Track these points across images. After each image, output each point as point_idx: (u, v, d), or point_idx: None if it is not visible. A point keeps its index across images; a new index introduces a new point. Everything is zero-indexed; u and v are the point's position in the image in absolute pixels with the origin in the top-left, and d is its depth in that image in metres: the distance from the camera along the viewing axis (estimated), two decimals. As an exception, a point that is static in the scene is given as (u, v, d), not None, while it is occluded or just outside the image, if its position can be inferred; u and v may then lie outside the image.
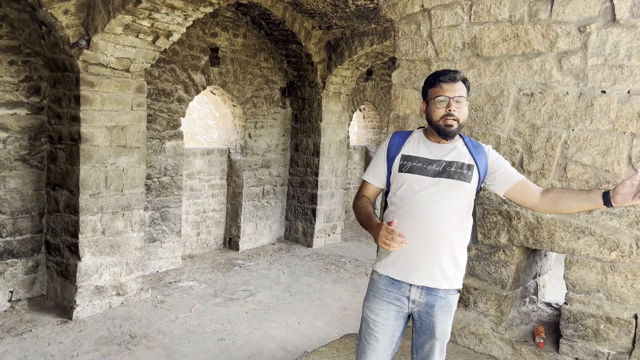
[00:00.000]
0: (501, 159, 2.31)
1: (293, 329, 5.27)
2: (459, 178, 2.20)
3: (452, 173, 2.21)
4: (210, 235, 8.02)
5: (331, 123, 8.63)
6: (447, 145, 2.28)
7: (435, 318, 2.25)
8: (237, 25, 7.61)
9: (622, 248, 2.92)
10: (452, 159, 2.23)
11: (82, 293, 5.19)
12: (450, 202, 2.19)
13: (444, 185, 2.20)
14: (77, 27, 4.82)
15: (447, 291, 2.26)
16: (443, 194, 2.19)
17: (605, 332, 3.01)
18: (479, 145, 2.30)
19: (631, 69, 2.85)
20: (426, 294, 2.24)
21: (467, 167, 2.22)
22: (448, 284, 2.24)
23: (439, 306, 2.24)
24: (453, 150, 2.26)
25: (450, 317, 2.28)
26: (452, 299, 2.27)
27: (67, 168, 5.20)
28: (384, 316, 2.28)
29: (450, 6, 3.44)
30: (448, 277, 2.23)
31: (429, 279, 2.22)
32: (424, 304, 2.25)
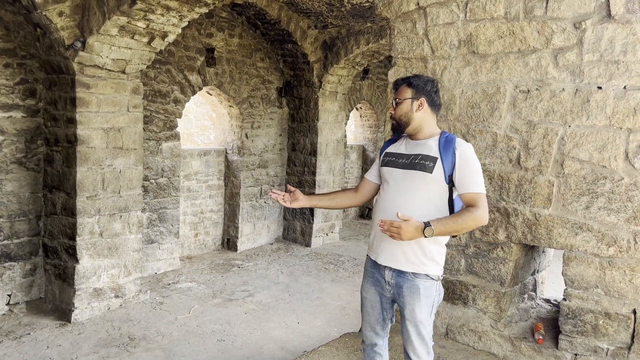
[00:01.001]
0: (469, 166, 2.39)
1: (292, 329, 5.26)
2: (421, 169, 2.41)
3: (416, 165, 2.44)
4: (208, 236, 8.01)
5: (328, 122, 8.62)
6: (421, 142, 2.51)
7: (404, 299, 2.45)
8: (233, 26, 7.60)
9: (620, 243, 2.92)
10: (420, 152, 2.47)
11: (81, 295, 5.18)
12: (416, 192, 2.42)
13: (409, 176, 2.45)
14: (72, 29, 4.80)
15: (415, 274, 2.43)
16: (408, 184, 2.44)
17: (604, 328, 3.01)
18: (452, 142, 2.43)
19: (627, 65, 2.86)
20: (396, 275, 2.47)
21: (431, 159, 2.41)
22: (413, 268, 2.42)
23: (407, 287, 2.43)
24: (424, 146, 2.49)
25: (418, 300, 2.42)
26: (420, 282, 2.42)
27: (63, 170, 5.19)
28: (371, 294, 2.61)
29: (445, 4, 3.44)
30: (412, 261, 2.42)
31: (393, 260, 2.46)
32: (394, 285, 2.48)
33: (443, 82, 3.52)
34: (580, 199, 3.03)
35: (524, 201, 3.23)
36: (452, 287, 3.59)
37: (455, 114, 3.49)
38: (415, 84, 2.51)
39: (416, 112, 2.49)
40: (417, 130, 2.53)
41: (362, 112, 11.29)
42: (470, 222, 2.32)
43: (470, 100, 3.41)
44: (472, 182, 2.38)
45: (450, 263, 3.59)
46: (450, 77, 3.48)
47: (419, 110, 2.49)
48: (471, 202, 2.37)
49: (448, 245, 3.57)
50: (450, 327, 3.61)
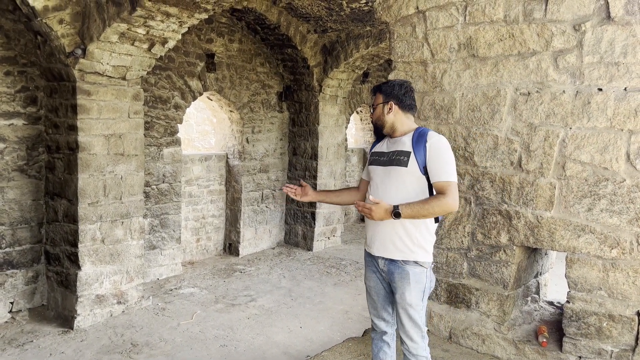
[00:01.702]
0: (439, 156, 2.57)
1: (295, 334, 5.25)
2: (397, 164, 2.65)
3: (393, 161, 2.68)
4: (210, 241, 8.00)
5: (328, 126, 8.63)
6: (397, 139, 2.74)
7: (395, 284, 2.66)
8: (233, 31, 7.62)
9: (623, 245, 2.92)
10: (396, 149, 2.70)
11: (83, 302, 5.17)
12: (396, 185, 2.63)
13: (389, 171, 2.68)
14: (73, 37, 4.81)
15: (405, 262, 2.63)
16: (389, 179, 2.67)
17: (608, 330, 3.01)
18: (424, 135, 2.63)
19: (627, 66, 2.86)
20: (388, 263, 2.68)
21: (405, 154, 2.64)
22: (402, 256, 2.62)
23: (397, 273, 2.64)
24: (399, 142, 2.71)
25: (408, 284, 2.61)
26: (409, 268, 2.62)
27: (65, 177, 5.19)
28: (373, 281, 2.82)
29: (445, 7, 3.44)
30: (400, 249, 2.62)
31: (384, 251, 2.68)
32: (387, 272, 2.69)
33: (443, 85, 3.52)
34: (582, 201, 3.03)
35: (526, 204, 3.23)
36: (455, 290, 3.58)
37: (456, 117, 3.49)
38: (384, 89, 2.77)
39: (387, 114, 2.74)
40: (392, 130, 2.76)
41: (362, 116, 11.29)
42: (437, 208, 2.51)
43: (471, 103, 3.42)
44: (442, 172, 2.56)
45: (452, 266, 3.59)
46: (451, 80, 3.49)
47: (389, 113, 2.73)
48: (441, 189, 2.55)
49: (450, 249, 3.57)
50: (453, 331, 3.60)
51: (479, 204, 3.44)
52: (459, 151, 3.48)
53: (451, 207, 2.52)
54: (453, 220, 3.56)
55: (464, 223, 3.51)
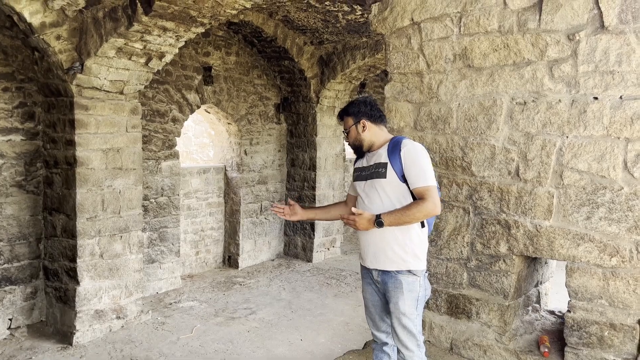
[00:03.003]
0: (414, 162, 2.62)
1: (296, 346, 5.22)
2: (377, 176, 2.71)
3: (373, 174, 2.74)
4: (210, 253, 7.98)
5: (326, 137, 8.64)
6: (375, 153, 2.81)
7: (389, 294, 2.70)
8: (230, 44, 7.65)
9: (623, 253, 2.91)
10: (374, 162, 2.77)
11: (82, 318, 5.14)
12: (380, 196, 2.69)
13: (370, 184, 2.75)
14: (70, 52, 4.83)
15: (398, 272, 2.67)
16: (372, 192, 2.73)
17: (609, 339, 2.99)
18: (398, 145, 2.69)
19: (622, 75, 2.87)
20: (382, 274, 2.73)
21: (382, 165, 2.70)
22: (394, 266, 2.66)
23: (391, 283, 2.68)
24: (376, 155, 2.79)
25: (402, 293, 2.64)
26: (402, 278, 2.66)
27: (63, 192, 5.18)
28: (369, 294, 2.86)
29: (439, 19, 3.47)
30: (392, 259, 2.66)
31: (377, 262, 2.72)
32: (382, 283, 2.74)
33: (439, 95, 3.53)
34: (581, 209, 3.02)
35: (525, 213, 3.23)
36: (456, 301, 3.57)
37: (452, 127, 3.50)
38: (352, 111, 2.85)
39: (363, 133, 2.82)
40: (371, 145, 2.84)
41: (360, 126, 11.30)
42: (418, 213, 2.58)
43: (467, 114, 3.42)
44: (419, 177, 2.61)
45: (452, 277, 3.58)
46: (447, 90, 3.50)
47: (364, 131, 2.82)
48: (420, 195, 2.61)
49: (449, 259, 3.57)
50: (454, 342, 3.58)
51: (477, 214, 3.43)
52: (456, 161, 3.49)
53: (432, 210, 2.58)
54: (452, 231, 3.55)
55: (463, 233, 3.50)
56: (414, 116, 3.69)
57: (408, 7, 3.58)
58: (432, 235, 3.64)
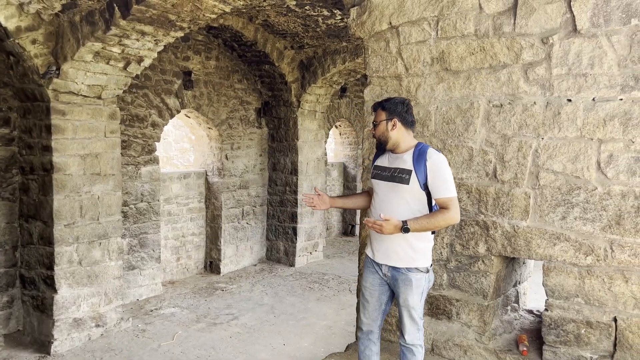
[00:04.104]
0: (440, 174, 2.75)
1: (278, 351, 5.20)
2: (400, 181, 2.83)
3: (395, 178, 2.85)
4: (191, 259, 7.91)
5: (308, 141, 8.65)
6: (399, 155, 2.90)
7: (399, 289, 2.87)
8: (209, 48, 7.63)
9: (597, 252, 2.97)
10: (398, 166, 2.87)
11: (60, 326, 5.06)
12: (398, 199, 2.82)
13: (391, 187, 2.87)
14: (46, 56, 4.77)
15: (408, 269, 2.84)
16: (392, 194, 2.85)
17: (586, 337, 3.04)
18: (424, 153, 2.81)
19: (594, 77, 2.94)
20: (391, 270, 2.89)
21: (406, 172, 2.81)
22: (404, 264, 2.83)
23: (401, 280, 2.86)
24: (401, 160, 2.88)
25: (411, 290, 2.83)
26: (412, 275, 2.83)
27: (40, 199, 5.10)
28: (369, 283, 3.00)
29: (417, 22, 3.50)
30: (402, 258, 2.83)
31: (387, 259, 2.89)
32: (391, 278, 2.91)
33: (418, 99, 3.57)
34: (557, 209, 3.08)
35: (502, 214, 3.27)
36: (436, 302, 3.59)
37: (431, 130, 3.53)
38: (388, 107, 2.91)
39: (391, 131, 2.89)
40: (395, 146, 2.91)
41: (341, 130, 11.35)
42: (442, 222, 2.76)
43: (445, 116, 3.46)
44: (443, 188, 2.76)
45: (432, 278, 3.60)
46: (425, 94, 3.53)
47: (393, 130, 2.88)
48: (443, 205, 2.76)
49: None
50: (435, 343, 3.61)
51: (456, 215, 3.46)
52: (435, 163, 3.52)
53: (454, 220, 2.77)
54: (432, 232, 3.58)
55: (442, 234, 3.54)
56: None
57: (386, 11, 3.61)
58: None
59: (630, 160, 2.86)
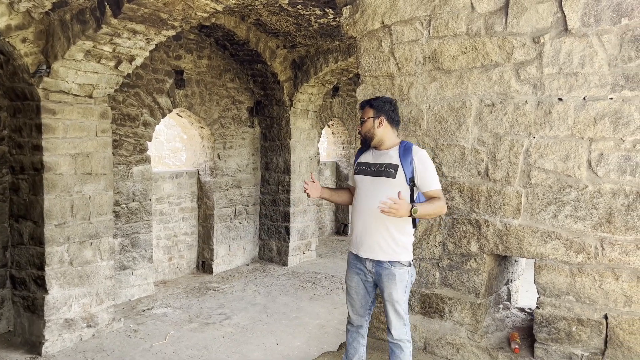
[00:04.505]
0: (427, 168, 2.90)
1: (271, 351, 5.19)
2: (386, 175, 2.91)
3: (381, 172, 2.93)
4: (183, 259, 7.88)
5: (300, 140, 8.64)
6: (384, 152, 3.00)
7: (383, 284, 2.95)
8: (201, 47, 7.60)
9: (588, 250, 2.99)
10: (384, 161, 2.96)
11: (51, 327, 5.02)
12: (380, 193, 2.85)
13: (377, 181, 2.94)
14: (37, 55, 4.73)
15: (390, 262, 2.92)
16: (377, 188, 2.91)
17: (577, 334, 3.06)
18: (409, 149, 2.93)
19: (585, 77, 2.96)
20: (375, 265, 2.96)
21: (393, 167, 2.91)
22: (387, 257, 2.91)
23: (385, 275, 2.93)
24: (386, 155, 2.97)
25: (395, 284, 2.91)
26: (395, 269, 2.92)
27: (30, 199, 5.06)
28: (355, 282, 3.08)
29: (409, 22, 3.51)
30: (386, 251, 2.91)
31: (371, 253, 2.95)
32: (375, 273, 2.98)
33: (410, 98, 3.58)
34: (548, 208, 3.10)
35: (494, 212, 3.29)
36: (428, 300, 3.61)
37: (423, 129, 3.54)
38: (376, 105, 3.01)
39: (377, 128, 2.98)
40: (380, 143, 3.01)
41: (334, 129, 11.36)
42: (439, 209, 2.91)
43: (438, 115, 3.47)
44: (431, 182, 2.91)
45: (425, 276, 3.61)
46: (417, 93, 3.54)
47: (380, 127, 2.98)
48: (433, 196, 2.90)
49: (422, 259, 3.61)
50: (428, 341, 3.62)
51: (448, 214, 3.48)
52: (427, 162, 3.53)
53: (445, 209, 2.96)
54: (424, 231, 3.59)
55: (434, 233, 3.55)
56: (385, 118, 3.72)
57: (378, 10, 3.62)
58: (404, 236, 3.68)
59: (620, 159, 2.88)
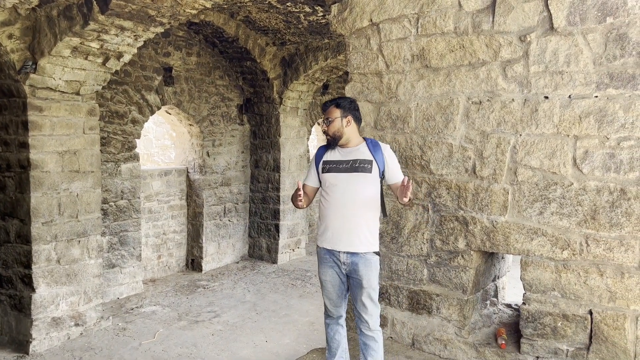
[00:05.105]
0: (395, 162, 3.08)
1: (261, 348, 5.20)
2: (362, 170, 3.00)
3: (358, 167, 3.01)
4: (172, 257, 7.85)
5: (290, 138, 8.64)
6: (353, 149, 3.08)
7: (360, 273, 3.01)
8: (190, 44, 7.56)
9: (573, 247, 3.03)
10: (356, 157, 3.04)
11: (38, 326, 4.98)
12: (360, 189, 2.98)
13: (354, 177, 3.01)
14: (23, 52, 4.68)
15: (365, 253, 3.01)
16: (353, 184, 3.00)
17: (562, 329, 3.10)
18: (378, 144, 3.08)
19: (571, 75, 2.99)
20: (351, 256, 3.02)
21: (367, 162, 3.01)
22: (365, 248, 3.01)
23: (361, 263, 3.00)
24: (357, 152, 3.06)
25: (371, 271, 3.01)
26: (370, 257, 3.02)
27: (16, 196, 5.01)
28: (329, 276, 3.14)
29: (397, 20, 3.52)
30: (363, 242, 3.01)
31: (350, 245, 3.01)
32: (350, 264, 3.03)
33: (398, 95, 3.59)
34: (534, 205, 3.13)
35: (481, 209, 3.32)
36: (416, 297, 3.63)
37: (411, 126, 3.56)
38: (342, 105, 3.09)
39: (346, 127, 3.06)
40: (347, 141, 3.09)
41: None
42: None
43: (425, 113, 3.49)
44: (399, 173, 3.07)
45: (413, 273, 3.64)
46: (405, 90, 3.56)
47: (348, 126, 3.07)
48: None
49: (410, 256, 3.63)
50: (416, 337, 3.64)
51: (436, 211, 3.51)
52: (415, 160, 3.55)
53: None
54: (412, 228, 3.61)
55: (422, 230, 3.57)
56: (374, 116, 3.74)
57: (367, 7, 3.63)
58: (392, 233, 3.70)
59: (605, 157, 2.92)
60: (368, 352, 3.06)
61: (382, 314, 3.74)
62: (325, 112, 3.13)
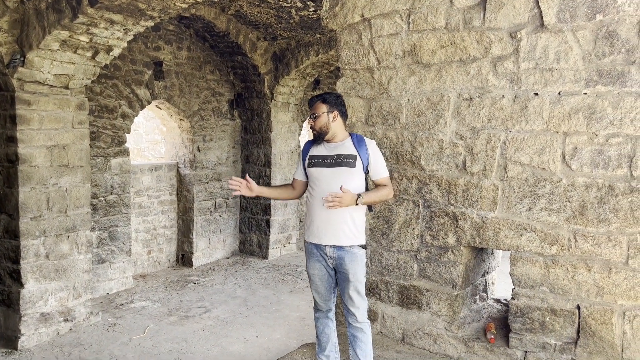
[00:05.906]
0: (379, 158, 3.14)
1: (251, 343, 5.20)
2: (346, 165, 3.04)
3: (341, 162, 3.05)
4: (162, 252, 7.83)
5: (281, 133, 8.63)
6: (338, 144, 3.12)
7: (347, 266, 3.03)
8: (181, 39, 7.52)
9: (562, 242, 3.05)
10: (341, 152, 3.08)
11: (27, 321, 4.95)
12: (344, 181, 2.99)
13: (338, 171, 3.04)
14: (11, 45, 4.63)
15: (351, 246, 3.04)
16: (336, 178, 3.02)
17: (551, 324, 3.13)
18: (363, 140, 3.13)
19: (560, 72, 3.00)
20: (337, 250, 3.05)
21: (352, 157, 3.05)
22: (350, 241, 3.04)
23: (347, 257, 3.03)
24: (342, 147, 3.10)
25: (358, 265, 3.04)
26: (356, 251, 3.05)
27: (4, 191, 4.96)
28: (317, 270, 3.15)
29: (389, 15, 3.52)
30: (349, 236, 3.04)
31: (335, 239, 3.04)
32: (337, 258, 3.06)
33: (390, 91, 3.60)
34: (523, 201, 3.15)
35: (471, 205, 3.33)
36: (407, 292, 3.65)
37: (402, 122, 3.57)
38: (329, 100, 3.12)
39: (332, 122, 3.10)
40: (334, 136, 3.12)
41: (315, 122, 11.34)
42: (385, 196, 3.16)
43: (417, 109, 3.50)
44: (382, 170, 3.15)
45: (403, 268, 3.65)
46: (397, 86, 3.56)
47: (334, 121, 3.10)
48: (383, 183, 3.15)
49: (400, 251, 3.65)
50: (406, 332, 3.66)
51: (426, 207, 3.52)
52: (406, 156, 3.56)
53: (392, 194, 3.22)
54: (402, 224, 3.62)
55: (413, 225, 3.58)
56: (365, 111, 3.74)
57: (358, 3, 3.62)
58: (383, 228, 3.71)
59: (593, 153, 2.95)
60: (357, 344, 3.08)
61: (372, 309, 3.76)
62: (311, 108, 3.15)
